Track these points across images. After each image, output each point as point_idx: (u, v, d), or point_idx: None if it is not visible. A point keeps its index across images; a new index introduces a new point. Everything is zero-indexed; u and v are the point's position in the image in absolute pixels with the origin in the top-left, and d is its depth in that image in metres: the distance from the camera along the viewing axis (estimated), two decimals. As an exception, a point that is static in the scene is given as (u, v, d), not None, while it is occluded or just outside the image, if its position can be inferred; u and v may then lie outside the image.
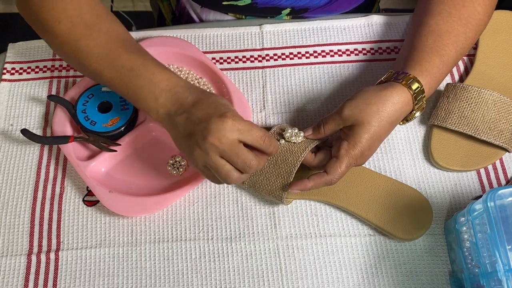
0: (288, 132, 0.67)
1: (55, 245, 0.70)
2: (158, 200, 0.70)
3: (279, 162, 0.66)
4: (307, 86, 0.80)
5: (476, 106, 0.72)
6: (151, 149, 0.75)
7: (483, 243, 0.59)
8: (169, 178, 0.73)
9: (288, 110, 0.78)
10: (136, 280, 0.68)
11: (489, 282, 0.58)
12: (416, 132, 0.77)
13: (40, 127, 0.78)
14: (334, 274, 0.68)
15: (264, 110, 0.79)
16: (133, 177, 0.74)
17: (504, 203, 0.56)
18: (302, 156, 0.66)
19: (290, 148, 0.67)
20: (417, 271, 0.67)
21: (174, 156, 0.74)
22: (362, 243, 0.69)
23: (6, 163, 0.75)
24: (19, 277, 0.68)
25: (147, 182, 0.73)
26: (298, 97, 0.79)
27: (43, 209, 0.72)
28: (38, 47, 0.85)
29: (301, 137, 0.67)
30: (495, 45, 0.81)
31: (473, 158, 0.73)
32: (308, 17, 0.88)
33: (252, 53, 0.83)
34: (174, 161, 0.74)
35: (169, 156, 0.74)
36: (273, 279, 0.67)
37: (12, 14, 1.92)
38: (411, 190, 0.70)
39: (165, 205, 0.70)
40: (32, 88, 0.81)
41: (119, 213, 0.69)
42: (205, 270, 0.68)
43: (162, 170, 0.74)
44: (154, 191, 0.72)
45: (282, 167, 0.66)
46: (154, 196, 0.70)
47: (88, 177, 0.71)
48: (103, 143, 0.73)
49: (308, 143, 0.67)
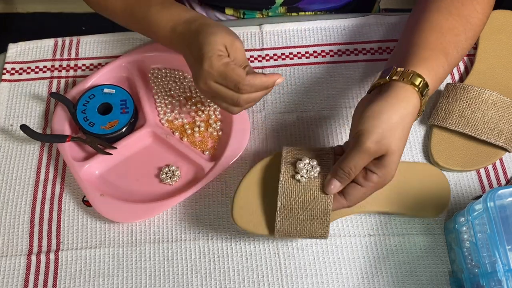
0: (303, 168, 0.60)
1: (55, 245, 0.70)
2: (148, 208, 0.69)
3: (307, 203, 0.60)
4: (307, 86, 0.80)
5: (476, 106, 0.72)
6: (146, 155, 0.75)
7: (483, 243, 0.59)
8: (161, 187, 0.73)
9: (288, 110, 0.78)
10: (136, 280, 0.68)
11: (489, 282, 0.58)
12: (416, 132, 0.77)
13: (40, 127, 0.78)
14: (334, 274, 0.68)
15: (264, 110, 0.79)
16: (126, 182, 0.73)
17: (504, 203, 0.56)
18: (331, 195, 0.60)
19: (311, 184, 0.60)
20: (417, 271, 0.67)
21: (168, 165, 0.74)
22: (362, 243, 0.69)
23: (6, 163, 0.75)
24: (18, 278, 0.68)
25: (139, 189, 0.73)
26: (298, 97, 0.79)
27: (43, 209, 0.72)
28: (38, 47, 0.85)
29: (317, 170, 0.60)
30: (495, 45, 0.81)
31: (473, 158, 0.73)
32: (303, 8, 0.87)
33: (252, 53, 0.83)
34: (168, 169, 0.73)
35: (163, 164, 0.74)
36: (273, 279, 0.67)
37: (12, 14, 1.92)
38: (420, 166, 0.72)
39: (155, 213, 0.69)
40: (32, 88, 0.81)
41: (107, 217, 0.69)
42: (205, 270, 0.68)
43: (155, 177, 0.73)
44: (145, 198, 0.71)
45: (314, 208, 0.60)
46: (145, 203, 0.70)
47: (81, 178, 0.71)
48: (100, 145, 0.73)
49: (327, 172, 0.60)
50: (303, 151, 0.63)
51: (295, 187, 0.60)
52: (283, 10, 0.88)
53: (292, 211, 0.60)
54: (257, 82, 0.60)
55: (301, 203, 0.60)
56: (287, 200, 0.60)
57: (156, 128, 0.75)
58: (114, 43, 0.85)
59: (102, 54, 0.84)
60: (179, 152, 0.74)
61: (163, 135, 0.75)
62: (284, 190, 0.60)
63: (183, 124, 0.77)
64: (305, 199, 0.60)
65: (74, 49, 0.85)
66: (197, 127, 0.76)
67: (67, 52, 0.84)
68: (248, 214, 0.63)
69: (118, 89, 0.76)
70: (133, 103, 0.76)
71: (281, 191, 0.60)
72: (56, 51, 0.85)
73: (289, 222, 0.61)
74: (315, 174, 0.60)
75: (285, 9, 0.88)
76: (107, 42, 0.85)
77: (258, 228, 0.63)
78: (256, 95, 0.62)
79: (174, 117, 0.77)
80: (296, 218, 0.60)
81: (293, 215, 0.60)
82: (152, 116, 0.76)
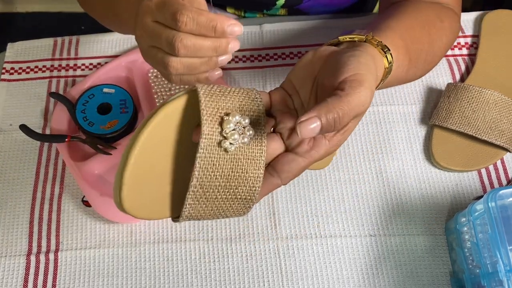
0: (234, 132, 0.43)
1: (54, 245, 0.70)
2: None
3: (231, 180, 0.43)
4: (307, 86, 0.80)
5: (477, 106, 0.72)
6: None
7: (484, 244, 0.59)
8: None
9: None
10: (136, 281, 0.67)
11: (490, 283, 0.58)
12: (417, 132, 0.76)
13: (39, 127, 0.78)
14: (335, 275, 0.67)
15: (264, 110, 0.78)
16: None
17: (505, 203, 0.56)
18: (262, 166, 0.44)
19: (239, 154, 0.43)
20: (418, 271, 0.67)
21: None
22: (362, 243, 0.69)
23: (5, 163, 0.75)
24: (18, 278, 0.68)
25: None
26: (298, 97, 0.79)
27: (42, 209, 0.72)
28: (37, 47, 0.85)
29: (250, 134, 0.44)
30: (496, 45, 0.81)
31: (474, 158, 0.72)
32: (304, 10, 0.87)
33: (252, 52, 0.83)
34: None
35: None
36: (273, 279, 0.67)
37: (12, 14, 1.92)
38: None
39: None
40: (31, 88, 0.81)
41: (107, 218, 0.69)
42: (205, 270, 0.68)
43: None
44: None
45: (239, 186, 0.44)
46: None
47: (81, 178, 0.70)
48: (99, 145, 0.72)
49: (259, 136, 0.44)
50: (227, 95, 0.44)
51: (219, 158, 0.42)
52: (284, 12, 0.88)
53: (210, 190, 0.43)
54: (202, 18, 0.43)
55: (224, 179, 0.43)
56: (206, 175, 0.42)
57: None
58: (114, 42, 0.84)
59: (101, 54, 0.84)
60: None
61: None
62: (203, 163, 0.42)
63: (183, 124, 0.77)
64: (229, 175, 0.43)
65: (74, 48, 0.84)
66: (197, 127, 0.76)
67: (66, 51, 0.84)
68: (144, 195, 0.44)
69: (117, 88, 0.76)
70: (133, 103, 0.76)
71: (200, 164, 0.42)
72: (55, 50, 0.84)
73: (203, 204, 0.43)
74: (246, 140, 0.43)
75: (286, 11, 0.88)
76: (107, 42, 0.85)
77: (156, 213, 0.46)
78: (200, 42, 0.43)
79: (174, 117, 0.77)
80: (213, 198, 0.43)
81: (209, 195, 0.43)
82: (152, 116, 0.76)
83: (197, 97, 0.43)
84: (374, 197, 0.72)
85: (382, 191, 0.72)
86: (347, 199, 0.72)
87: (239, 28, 0.44)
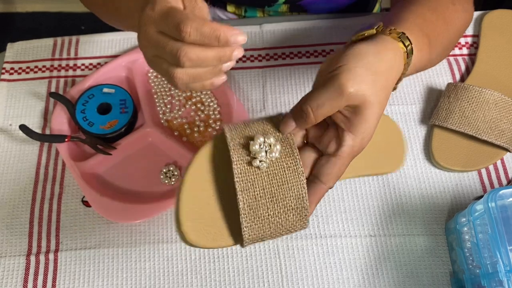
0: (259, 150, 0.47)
1: (54, 245, 0.70)
2: (147, 209, 0.69)
3: (275, 193, 0.47)
4: (307, 86, 0.80)
5: (477, 106, 0.72)
6: (145, 155, 0.75)
7: (484, 244, 0.59)
8: (160, 187, 0.72)
9: (288, 110, 0.78)
10: (135, 281, 0.67)
11: (490, 283, 0.58)
12: (417, 132, 0.76)
13: (39, 127, 0.78)
14: (335, 275, 0.67)
15: (264, 110, 0.78)
16: (125, 182, 0.73)
17: (505, 203, 0.56)
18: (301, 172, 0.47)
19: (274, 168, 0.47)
20: (418, 271, 0.67)
21: (168, 164, 0.73)
22: (362, 243, 0.69)
23: (5, 163, 0.75)
24: (18, 278, 0.68)
25: (139, 189, 0.72)
26: (298, 97, 0.79)
27: (42, 209, 0.72)
28: (37, 47, 0.85)
29: (278, 149, 0.48)
30: (496, 45, 0.81)
31: (474, 158, 0.72)
32: (306, 7, 0.87)
33: (252, 52, 0.83)
34: (167, 169, 0.73)
35: (162, 164, 0.74)
36: (273, 280, 0.67)
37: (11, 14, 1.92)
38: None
39: (154, 214, 0.69)
40: (31, 88, 0.81)
41: (107, 218, 0.69)
42: (205, 271, 0.68)
43: (154, 177, 0.73)
44: (145, 199, 0.71)
45: (286, 197, 0.47)
46: (144, 204, 0.69)
47: (80, 178, 0.70)
48: (99, 145, 0.72)
49: (289, 147, 0.48)
50: (251, 126, 0.49)
51: (257, 177, 0.47)
52: (286, 9, 0.88)
53: (259, 208, 0.46)
54: (206, 28, 0.42)
55: (268, 195, 0.46)
56: (250, 196, 0.46)
57: (156, 128, 0.75)
58: (114, 42, 0.84)
59: (101, 54, 0.84)
60: (179, 152, 0.74)
61: (162, 135, 0.74)
62: (243, 184, 0.46)
63: (183, 124, 0.77)
64: (272, 189, 0.47)
65: (74, 48, 0.84)
66: (196, 127, 0.76)
67: (66, 51, 0.84)
68: (202, 225, 0.48)
69: (117, 88, 0.76)
70: (133, 103, 0.75)
71: (239, 185, 0.46)
72: (55, 50, 0.84)
73: (259, 223, 0.47)
74: (276, 154, 0.47)
75: (288, 7, 0.87)
76: (107, 42, 0.85)
77: (220, 240, 0.49)
78: (204, 53, 0.44)
79: (173, 117, 0.77)
80: (266, 215, 0.47)
81: (261, 213, 0.46)
82: (151, 116, 0.76)
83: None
84: (374, 197, 0.72)
85: (382, 191, 0.72)
86: (347, 199, 0.72)
87: (242, 37, 0.44)
